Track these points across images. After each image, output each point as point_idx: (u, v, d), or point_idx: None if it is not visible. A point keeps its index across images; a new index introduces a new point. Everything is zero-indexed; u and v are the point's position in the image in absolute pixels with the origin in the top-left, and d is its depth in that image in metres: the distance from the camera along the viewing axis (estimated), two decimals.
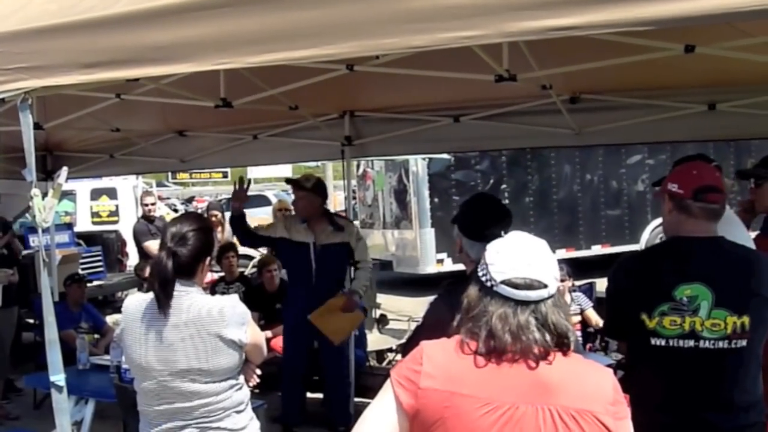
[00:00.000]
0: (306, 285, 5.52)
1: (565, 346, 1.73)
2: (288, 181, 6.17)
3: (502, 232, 2.53)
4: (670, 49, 3.62)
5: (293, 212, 6.16)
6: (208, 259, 2.83)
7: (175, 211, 20.36)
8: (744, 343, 2.40)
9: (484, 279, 1.78)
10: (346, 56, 2.25)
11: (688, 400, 2.45)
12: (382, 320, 9.02)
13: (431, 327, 2.08)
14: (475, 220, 2.77)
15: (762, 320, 2.41)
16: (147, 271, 6.14)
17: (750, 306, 2.39)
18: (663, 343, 2.45)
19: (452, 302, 1.88)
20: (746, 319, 2.38)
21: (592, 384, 1.72)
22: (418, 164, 12.36)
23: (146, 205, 8.45)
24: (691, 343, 2.42)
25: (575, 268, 6.44)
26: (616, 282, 2.65)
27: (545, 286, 1.74)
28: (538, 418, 1.66)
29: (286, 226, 5.63)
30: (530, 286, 1.73)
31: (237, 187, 5.57)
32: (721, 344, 2.39)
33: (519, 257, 1.76)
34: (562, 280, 6.07)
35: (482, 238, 2.59)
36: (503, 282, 1.74)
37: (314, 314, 5.42)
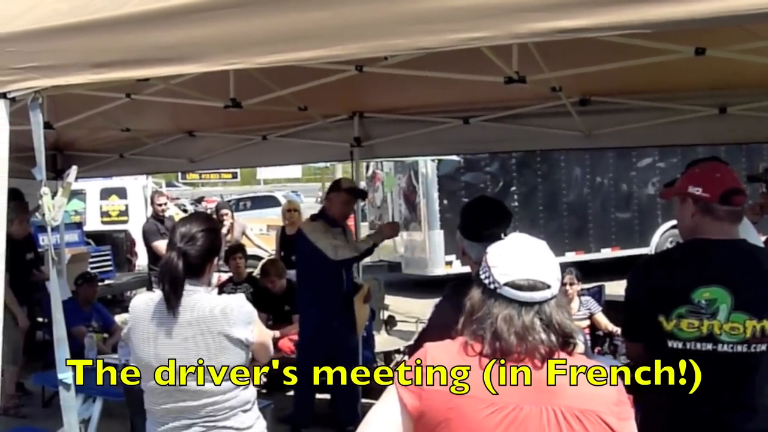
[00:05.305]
0: (338, 288, 5.48)
1: (570, 346, 1.73)
2: (352, 191, 5.54)
3: (502, 234, 2.53)
4: (680, 51, 3.60)
5: (318, 216, 5.69)
6: (216, 259, 2.85)
7: (185, 211, 20.41)
8: (764, 347, 2.37)
9: (487, 281, 1.78)
10: (354, 57, 2.25)
11: (706, 403, 2.42)
12: (390, 321, 9.03)
13: (437, 329, 2.07)
14: (473, 220, 2.79)
15: None
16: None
17: None
18: (680, 345, 2.43)
19: (457, 304, 1.88)
20: (766, 323, 2.35)
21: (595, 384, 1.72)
22: (428, 166, 12.35)
23: (159, 205, 8.54)
24: (709, 346, 2.40)
25: (585, 271, 6.43)
26: (634, 284, 2.64)
27: (548, 287, 1.74)
28: (542, 419, 1.66)
29: (329, 236, 5.38)
30: (533, 287, 1.73)
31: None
32: (739, 348, 2.37)
33: (521, 259, 1.76)
34: (572, 284, 6.08)
35: (480, 238, 2.60)
36: (507, 284, 1.74)
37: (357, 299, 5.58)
